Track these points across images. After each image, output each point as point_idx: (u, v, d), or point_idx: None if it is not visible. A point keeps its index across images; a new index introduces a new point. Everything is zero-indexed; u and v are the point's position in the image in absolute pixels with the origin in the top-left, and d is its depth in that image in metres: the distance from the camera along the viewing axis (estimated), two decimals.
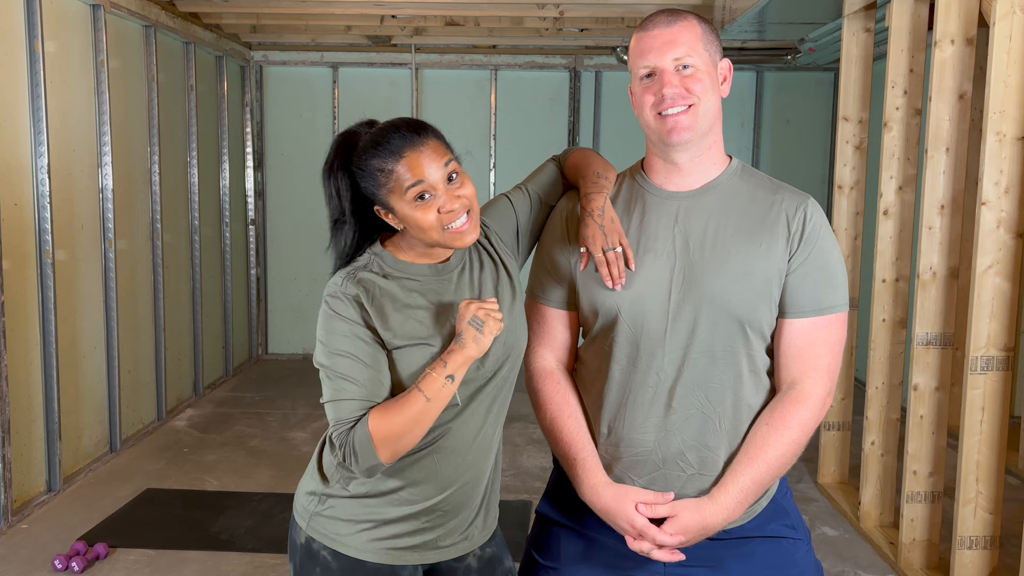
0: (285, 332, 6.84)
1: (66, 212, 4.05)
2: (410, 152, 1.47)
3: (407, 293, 1.53)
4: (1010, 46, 2.72)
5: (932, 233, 3.14)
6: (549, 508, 1.71)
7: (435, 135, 1.52)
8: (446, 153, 1.51)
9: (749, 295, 1.52)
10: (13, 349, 3.65)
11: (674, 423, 1.54)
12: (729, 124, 6.58)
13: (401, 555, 1.57)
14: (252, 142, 6.54)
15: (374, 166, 1.49)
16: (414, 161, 1.47)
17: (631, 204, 1.61)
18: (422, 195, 1.47)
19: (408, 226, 1.51)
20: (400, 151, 1.48)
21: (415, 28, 5.96)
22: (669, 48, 1.51)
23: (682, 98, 1.50)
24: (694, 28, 1.53)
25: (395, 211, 1.51)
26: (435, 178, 1.48)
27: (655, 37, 1.52)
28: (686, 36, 1.52)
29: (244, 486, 4.11)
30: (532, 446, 4.66)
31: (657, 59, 1.51)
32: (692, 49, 1.51)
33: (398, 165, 1.47)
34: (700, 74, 1.51)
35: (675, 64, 1.51)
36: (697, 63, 1.51)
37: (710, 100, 1.52)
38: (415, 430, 1.45)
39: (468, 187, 1.51)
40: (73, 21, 4.15)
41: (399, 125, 1.51)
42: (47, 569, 3.21)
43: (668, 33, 1.52)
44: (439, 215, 1.48)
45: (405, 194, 1.47)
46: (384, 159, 1.48)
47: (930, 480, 3.21)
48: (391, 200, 1.50)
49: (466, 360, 1.46)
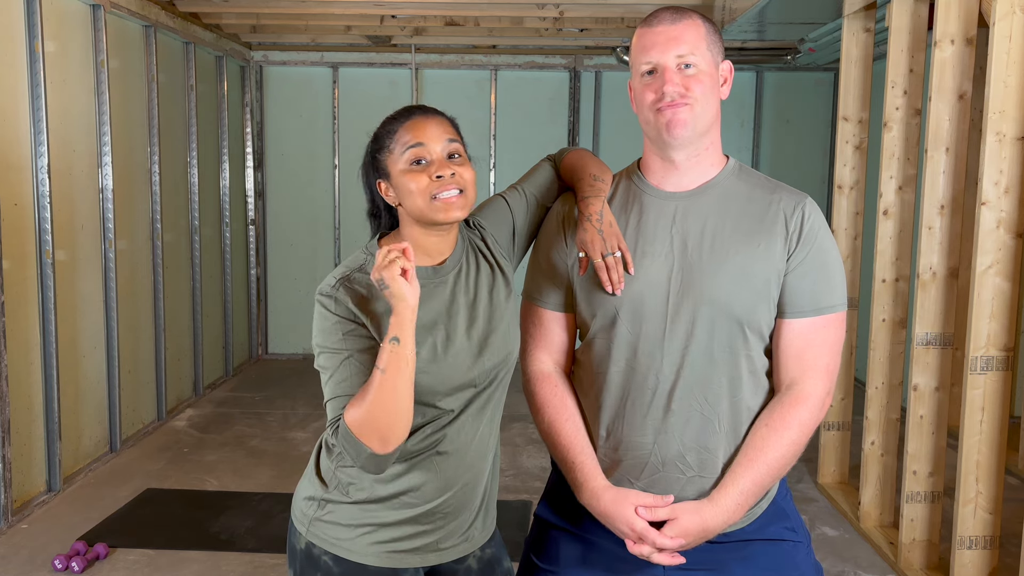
0: (285, 332, 6.84)
1: (66, 212, 4.05)
2: (418, 117, 1.52)
3: None
4: (1010, 46, 2.72)
5: (932, 233, 3.14)
6: (547, 511, 1.70)
7: (447, 118, 1.56)
8: (454, 133, 1.53)
9: (748, 295, 1.51)
10: (13, 349, 3.65)
11: (673, 425, 1.54)
12: (729, 124, 6.58)
13: (402, 558, 1.57)
14: (252, 142, 6.54)
15: (383, 131, 1.54)
16: (419, 124, 1.51)
17: (628, 205, 1.61)
18: (419, 160, 1.49)
19: (400, 194, 1.51)
20: (409, 116, 1.53)
21: (415, 28, 5.96)
22: (673, 45, 1.50)
23: (682, 97, 1.49)
24: (698, 27, 1.52)
25: (391, 177, 1.52)
26: (435, 147, 1.50)
27: (659, 33, 1.51)
28: (690, 34, 1.51)
29: (244, 486, 4.11)
30: (532, 446, 4.66)
31: (660, 56, 1.50)
32: (695, 47, 1.50)
33: (402, 126, 1.51)
34: (702, 75, 1.50)
35: (678, 62, 1.50)
36: (699, 62, 1.50)
37: (710, 101, 1.52)
38: (385, 404, 1.37)
39: (468, 171, 1.52)
40: (73, 21, 4.15)
41: (419, 106, 1.57)
42: (47, 569, 3.21)
43: (673, 30, 1.51)
44: (430, 181, 1.48)
45: (403, 155, 1.49)
46: (393, 123, 1.53)
47: (930, 480, 3.21)
48: (389, 163, 1.52)
49: (400, 319, 1.38)
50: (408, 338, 1.38)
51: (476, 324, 1.55)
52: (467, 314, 1.55)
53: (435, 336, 1.51)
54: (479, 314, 1.56)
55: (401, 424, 1.40)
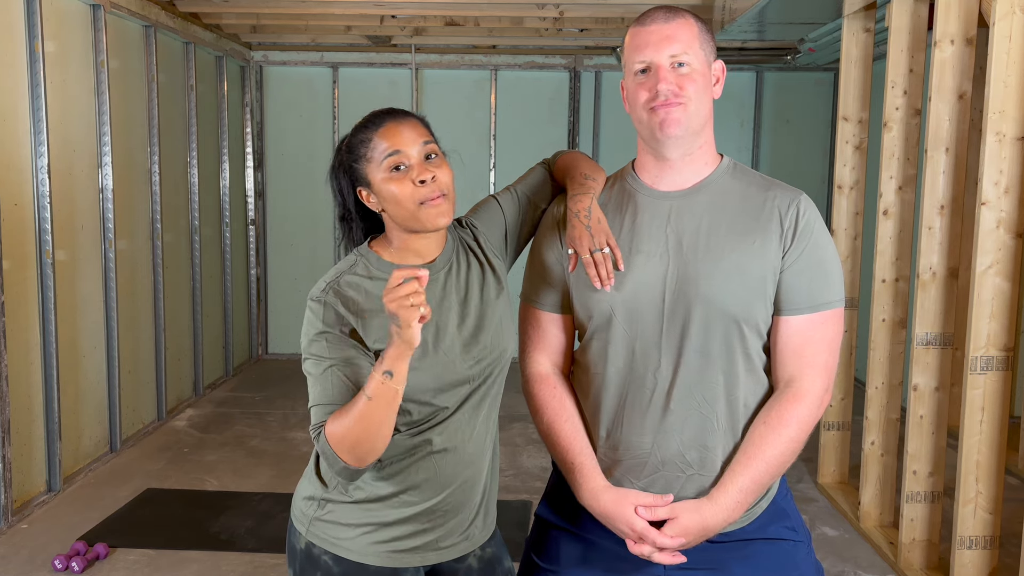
0: (285, 332, 6.84)
1: (66, 212, 4.06)
2: (390, 123, 1.53)
3: None
4: (1010, 46, 2.72)
5: (932, 233, 3.14)
6: (548, 511, 1.70)
7: (418, 118, 1.56)
8: (427, 134, 1.54)
9: (744, 293, 1.51)
10: (13, 349, 3.65)
11: (672, 424, 1.54)
12: (729, 124, 6.59)
13: (402, 557, 1.57)
14: (252, 142, 6.54)
15: (356, 140, 1.54)
16: (392, 130, 1.51)
17: (623, 205, 1.61)
18: (398, 166, 1.50)
19: (384, 201, 1.52)
20: (381, 122, 1.53)
21: (415, 28, 5.96)
22: (666, 44, 1.50)
23: (675, 96, 1.49)
24: (691, 26, 1.53)
25: (372, 185, 1.53)
26: (412, 151, 1.50)
27: (652, 32, 1.52)
28: (683, 33, 1.51)
29: (244, 486, 4.11)
30: (532, 446, 4.66)
31: (654, 55, 1.51)
32: (688, 47, 1.51)
33: (376, 134, 1.52)
34: (695, 74, 1.51)
35: (671, 61, 1.50)
36: (692, 61, 1.51)
37: (703, 100, 1.52)
38: (368, 430, 1.39)
39: (446, 172, 1.53)
40: (73, 21, 4.15)
41: (388, 109, 1.57)
42: (47, 569, 3.21)
43: (666, 29, 1.51)
44: (414, 188, 1.49)
45: (382, 164, 1.50)
46: (365, 131, 1.54)
47: (930, 480, 3.22)
48: (369, 172, 1.52)
49: (398, 355, 1.37)
50: (401, 375, 1.38)
51: (467, 321, 1.56)
52: (458, 311, 1.56)
53: (425, 332, 1.51)
54: (470, 311, 1.57)
55: (378, 448, 1.42)
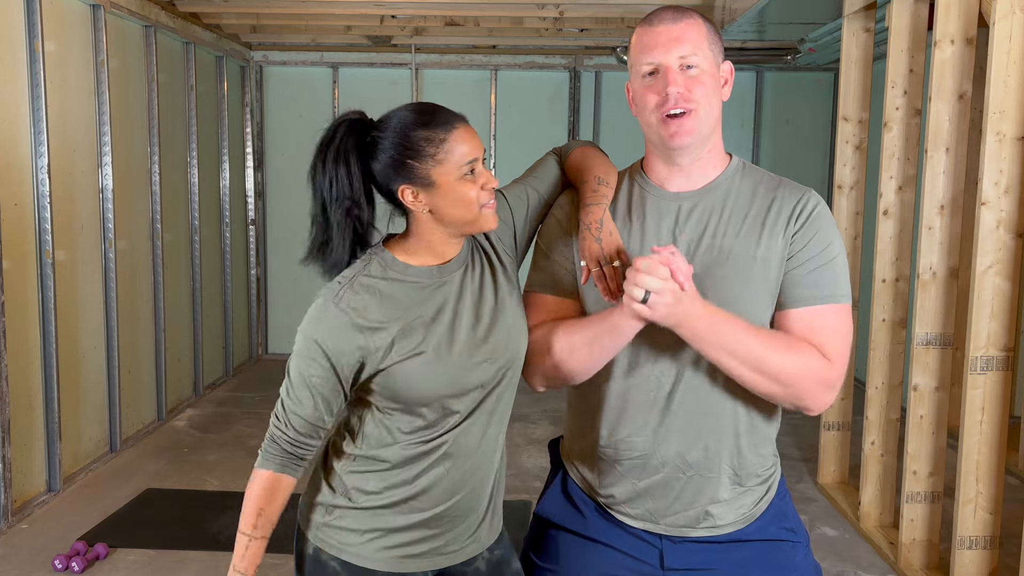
0: (285, 332, 6.83)
1: (66, 212, 4.05)
2: (461, 125, 1.48)
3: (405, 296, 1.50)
4: (1010, 46, 2.72)
5: (932, 233, 3.14)
6: (547, 510, 1.70)
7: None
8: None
9: (750, 295, 1.50)
10: (13, 349, 3.64)
11: (674, 424, 1.53)
12: (729, 124, 6.58)
13: (411, 562, 1.56)
14: (252, 142, 6.54)
15: (420, 136, 1.45)
16: (468, 133, 1.48)
17: (632, 205, 1.60)
18: (473, 170, 1.48)
19: (446, 203, 1.47)
20: (452, 123, 1.47)
21: (415, 28, 5.96)
22: (675, 45, 1.47)
23: (685, 100, 1.47)
24: (700, 27, 1.50)
25: (436, 184, 1.46)
26: (480, 156, 1.49)
27: (660, 33, 1.49)
28: (692, 34, 1.48)
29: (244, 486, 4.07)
30: (532, 446, 4.66)
31: (662, 56, 1.48)
32: (697, 48, 1.48)
33: (450, 135, 1.46)
34: (704, 76, 1.48)
35: (680, 63, 1.47)
36: (701, 63, 1.48)
37: (712, 104, 1.50)
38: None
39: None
40: (73, 21, 4.15)
41: (438, 106, 1.50)
42: (47, 569, 3.21)
43: (675, 30, 1.48)
44: (479, 191, 1.48)
45: (461, 167, 1.46)
46: (434, 130, 1.46)
47: (930, 480, 3.22)
48: (434, 172, 1.45)
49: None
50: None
51: (481, 322, 1.53)
52: (472, 312, 1.53)
53: (439, 334, 1.49)
54: (484, 312, 1.54)
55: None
